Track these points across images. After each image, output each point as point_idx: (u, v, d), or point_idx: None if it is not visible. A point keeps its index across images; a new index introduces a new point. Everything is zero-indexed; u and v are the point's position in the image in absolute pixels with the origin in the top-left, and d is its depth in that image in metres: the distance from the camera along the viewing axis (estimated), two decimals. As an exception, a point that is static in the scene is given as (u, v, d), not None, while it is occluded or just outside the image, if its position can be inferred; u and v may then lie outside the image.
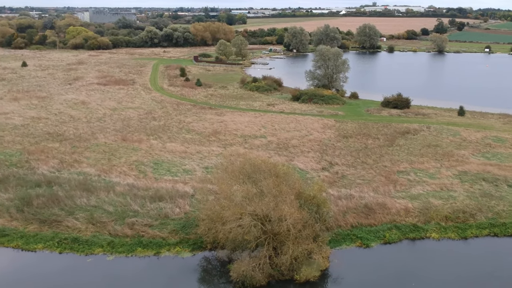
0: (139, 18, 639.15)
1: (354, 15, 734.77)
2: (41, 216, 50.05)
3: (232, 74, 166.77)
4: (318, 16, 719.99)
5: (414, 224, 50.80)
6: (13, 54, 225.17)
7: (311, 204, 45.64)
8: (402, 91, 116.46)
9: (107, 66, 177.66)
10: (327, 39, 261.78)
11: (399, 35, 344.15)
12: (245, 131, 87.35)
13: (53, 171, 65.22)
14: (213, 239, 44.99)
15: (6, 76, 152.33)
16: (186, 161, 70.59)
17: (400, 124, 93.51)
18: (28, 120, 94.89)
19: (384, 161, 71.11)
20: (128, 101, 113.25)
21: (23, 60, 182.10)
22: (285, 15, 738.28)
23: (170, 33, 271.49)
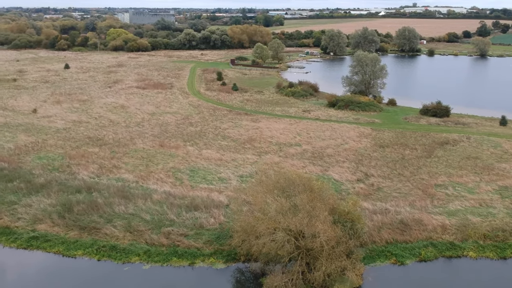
0: (177, 19, 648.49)
1: (394, 16, 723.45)
2: (81, 223, 51.68)
3: (268, 78, 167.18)
4: (357, 17, 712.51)
5: (451, 242, 49.78)
6: (56, 55, 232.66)
7: (346, 219, 45.40)
8: (442, 97, 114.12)
9: (146, 69, 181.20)
10: (365, 42, 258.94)
11: (440, 38, 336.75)
12: (280, 139, 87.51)
13: (92, 177, 67.18)
14: (246, 251, 45.44)
15: (50, 78, 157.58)
16: (221, 169, 71.34)
17: (439, 133, 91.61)
18: (69, 123, 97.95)
19: (421, 174, 69.89)
20: (166, 106, 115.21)
21: (66, 63, 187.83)
22: (323, 16, 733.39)
23: (208, 35, 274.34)
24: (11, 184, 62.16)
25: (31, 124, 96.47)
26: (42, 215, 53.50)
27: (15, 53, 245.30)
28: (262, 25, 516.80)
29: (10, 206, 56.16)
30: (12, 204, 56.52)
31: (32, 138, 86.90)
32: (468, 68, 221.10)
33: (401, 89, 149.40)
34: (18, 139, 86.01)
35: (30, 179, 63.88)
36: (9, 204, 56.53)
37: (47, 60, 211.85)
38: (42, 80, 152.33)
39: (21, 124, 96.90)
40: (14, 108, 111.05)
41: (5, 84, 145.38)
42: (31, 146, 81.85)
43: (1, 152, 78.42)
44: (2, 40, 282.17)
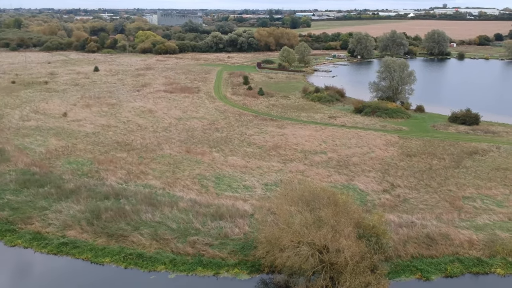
0: (205, 21, 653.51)
1: (423, 18, 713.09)
2: (109, 230, 52.80)
3: (294, 82, 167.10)
4: (385, 19, 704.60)
5: (478, 258, 48.98)
6: (86, 58, 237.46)
7: (371, 234, 45.22)
8: (471, 104, 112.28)
9: (174, 72, 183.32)
10: (393, 45, 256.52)
11: (470, 41, 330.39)
12: (305, 146, 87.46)
13: (120, 183, 68.48)
14: (270, 263, 45.69)
15: (79, 81, 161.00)
16: (247, 177, 71.77)
17: (468, 143, 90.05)
18: (98, 128, 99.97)
19: (449, 185, 68.89)
20: (193, 111, 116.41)
21: (95, 65, 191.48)
22: (350, 18, 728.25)
23: (235, 38, 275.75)
24: (42, 189, 63.87)
25: (61, 128, 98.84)
26: (72, 222, 54.85)
27: (47, 55, 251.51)
28: (289, 27, 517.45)
29: (41, 211, 57.74)
30: (43, 210, 58.10)
31: (62, 142, 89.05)
32: (500, 73, 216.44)
33: (429, 94, 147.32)
34: (49, 143, 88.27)
35: (60, 185, 65.54)
36: (40, 210, 58.14)
37: (77, 63, 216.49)
38: (72, 83, 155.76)
39: (52, 127, 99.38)
40: (45, 112, 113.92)
41: (37, 87, 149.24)
42: (61, 151, 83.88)
43: (33, 156, 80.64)
44: (35, 42, 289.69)
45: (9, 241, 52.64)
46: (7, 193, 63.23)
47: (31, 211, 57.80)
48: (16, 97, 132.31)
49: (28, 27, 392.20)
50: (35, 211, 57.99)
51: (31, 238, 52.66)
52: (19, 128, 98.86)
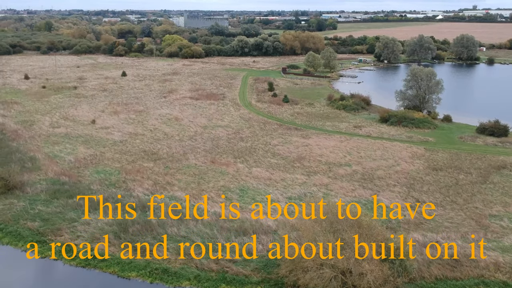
0: (231, 23, 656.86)
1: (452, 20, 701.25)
2: (135, 244, 53.90)
3: (319, 89, 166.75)
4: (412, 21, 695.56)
5: (504, 282, 48.24)
6: (114, 61, 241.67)
7: (394, 256, 45.07)
8: (500, 114, 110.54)
9: (199, 78, 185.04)
10: (421, 49, 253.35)
11: (501, 45, 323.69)
12: (329, 158, 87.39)
13: (147, 194, 69.77)
14: (293, 282, 46.00)
15: (107, 86, 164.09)
16: (271, 189, 72.21)
17: (496, 156, 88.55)
18: (126, 136, 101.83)
19: (475, 202, 67.97)
20: (218, 119, 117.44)
21: (123, 70, 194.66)
22: (377, 20, 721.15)
23: (260, 42, 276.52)
24: (72, 200, 65.57)
25: (89, 136, 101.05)
26: (100, 234, 56.22)
27: (76, 58, 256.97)
28: (315, 29, 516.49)
29: (71, 223, 59.34)
30: (72, 222, 59.70)
31: (90, 150, 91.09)
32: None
33: (456, 102, 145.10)
34: (78, 151, 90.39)
35: (89, 196, 67.07)
36: (69, 221, 59.74)
37: (105, 67, 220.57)
38: (101, 88, 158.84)
39: (80, 135, 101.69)
40: (74, 118, 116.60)
41: (66, 92, 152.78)
42: (90, 159, 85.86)
43: (63, 164, 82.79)
44: (65, 45, 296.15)
45: (40, 252, 54.31)
46: (38, 203, 65.16)
47: (60, 223, 59.46)
48: (46, 102, 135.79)
49: (58, 30, 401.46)
50: (64, 222, 59.62)
51: (61, 250, 54.18)
52: (49, 135, 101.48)
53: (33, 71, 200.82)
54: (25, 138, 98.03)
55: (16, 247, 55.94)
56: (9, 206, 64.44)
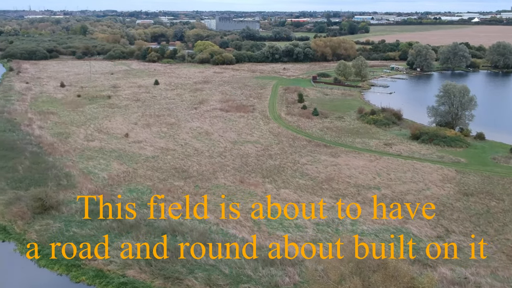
0: (261, 25, 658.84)
1: (489, 23, 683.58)
2: (165, 272, 55.36)
3: (350, 100, 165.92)
4: (447, 24, 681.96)
5: (535, 326, 47.57)
6: (147, 68, 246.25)
7: (421, 299, 45.03)
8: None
9: (230, 87, 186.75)
10: (455, 57, 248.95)
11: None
12: (358, 179, 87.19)
13: (176, 215, 71.26)
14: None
15: (140, 96, 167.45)
16: (298, 214, 72.66)
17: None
18: (158, 151, 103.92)
19: (507, 233, 66.80)
20: (247, 133, 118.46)
21: (156, 78, 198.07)
22: (411, 23, 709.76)
23: (291, 48, 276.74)
24: (105, 222, 67.59)
25: (123, 151, 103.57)
26: (131, 260, 57.87)
27: (110, 64, 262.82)
28: (347, 33, 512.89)
29: (103, 247, 61.23)
30: (104, 246, 61.56)
31: (123, 166, 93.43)
32: None
33: (490, 117, 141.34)
34: (111, 167, 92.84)
35: (121, 218, 68.96)
36: (102, 245, 61.66)
37: (138, 73, 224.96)
38: (134, 98, 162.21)
39: (114, 149, 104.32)
40: (108, 131, 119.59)
41: (100, 102, 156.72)
42: (123, 176, 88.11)
43: (97, 181, 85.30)
44: (99, 50, 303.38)
45: (74, 277, 56.42)
46: (73, 224, 67.46)
47: (94, 247, 61.39)
48: (81, 113, 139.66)
49: (92, 34, 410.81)
50: (97, 246, 61.51)
51: (94, 275, 56.12)
52: (83, 149, 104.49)
53: (68, 78, 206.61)
54: (61, 152, 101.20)
55: (52, 270, 58.25)
56: (46, 227, 66.96)
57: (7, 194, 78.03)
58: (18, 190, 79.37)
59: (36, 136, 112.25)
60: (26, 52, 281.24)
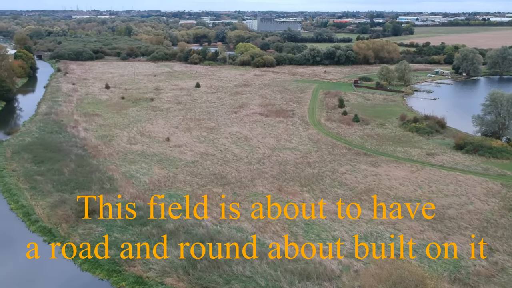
0: (303, 26, 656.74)
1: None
2: (203, 282, 56.15)
3: (392, 106, 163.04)
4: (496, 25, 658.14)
5: None
6: (188, 70, 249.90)
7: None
8: None
9: (270, 90, 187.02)
10: (503, 62, 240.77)
11: None
12: (399, 191, 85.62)
13: (215, 223, 72.11)
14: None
15: (182, 99, 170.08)
16: (336, 226, 72.11)
17: None
18: (197, 156, 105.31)
19: (555, 253, 64.14)
20: (286, 139, 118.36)
21: (197, 81, 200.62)
22: (458, 24, 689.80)
23: (333, 51, 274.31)
24: (145, 228, 69.08)
25: (164, 155, 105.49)
26: (170, 268, 58.97)
27: (153, 65, 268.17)
28: (390, 34, 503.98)
29: (143, 254, 62.63)
30: (145, 252, 63.00)
31: (164, 171, 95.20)
32: None
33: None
34: (153, 172, 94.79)
35: (161, 224, 70.34)
36: (142, 252, 63.08)
37: (180, 76, 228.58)
38: (175, 101, 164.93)
39: (155, 153, 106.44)
40: (150, 134, 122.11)
41: (143, 104, 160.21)
42: (163, 181, 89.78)
43: (138, 186, 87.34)
44: (143, 51, 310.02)
45: (114, 282, 58.06)
46: (115, 230, 69.32)
47: (134, 253, 62.93)
48: (124, 115, 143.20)
49: (137, 35, 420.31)
50: (137, 252, 63.01)
51: (134, 281, 57.55)
52: (126, 152, 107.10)
53: (113, 79, 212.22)
54: (105, 155, 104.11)
55: (94, 275, 60.15)
56: (89, 231, 69.13)
57: (53, 196, 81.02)
58: (63, 193, 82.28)
59: (81, 139, 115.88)
60: (73, 53, 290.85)
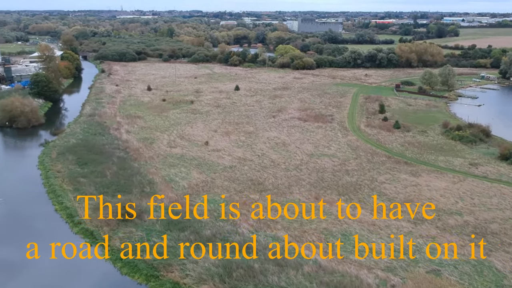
0: (344, 27, 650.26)
1: None
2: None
3: (434, 112, 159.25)
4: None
5: None
6: (228, 72, 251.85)
7: None
8: None
9: (309, 94, 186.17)
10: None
11: None
12: (439, 203, 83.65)
13: (252, 231, 72.52)
14: None
15: (221, 101, 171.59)
16: (373, 237, 71.24)
17: None
18: (235, 160, 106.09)
19: None
20: (325, 146, 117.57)
21: (236, 84, 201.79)
22: (506, 25, 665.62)
23: (374, 54, 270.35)
24: (183, 233, 70.22)
25: (202, 159, 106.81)
26: (206, 276, 59.73)
27: (194, 67, 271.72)
28: (434, 36, 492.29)
29: (181, 260, 63.69)
30: (182, 258, 63.98)
31: (202, 176, 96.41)
32: None
33: None
34: (191, 176, 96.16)
35: (199, 230, 71.27)
36: (179, 258, 64.13)
37: (220, 78, 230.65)
38: (215, 104, 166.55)
39: (194, 157, 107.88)
40: (189, 138, 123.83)
41: (184, 106, 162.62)
42: (202, 186, 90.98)
43: (177, 190, 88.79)
44: (184, 53, 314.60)
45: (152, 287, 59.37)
46: (154, 234, 70.79)
47: (172, 258, 64.12)
48: (165, 118, 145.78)
49: (179, 36, 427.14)
50: (175, 258, 64.18)
51: (171, 287, 58.63)
52: (166, 156, 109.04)
53: (155, 81, 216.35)
54: (145, 158, 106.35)
55: (132, 279, 61.69)
56: (129, 235, 70.87)
57: (95, 199, 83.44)
58: (105, 195, 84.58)
59: (123, 141, 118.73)
60: (117, 54, 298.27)
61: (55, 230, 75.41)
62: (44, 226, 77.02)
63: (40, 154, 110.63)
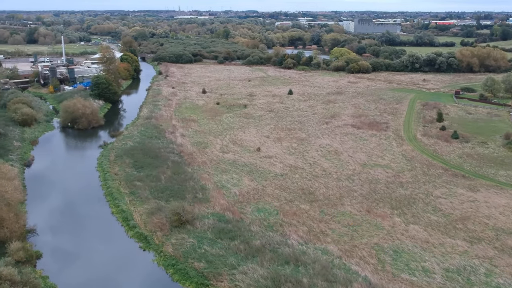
0: (403, 28, 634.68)
1: None
2: (286, 305, 56.75)
3: (496, 121, 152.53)
4: None
5: None
6: (282, 75, 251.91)
7: None
8: None
9: (364, 100, 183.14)
10: None
11: None
12: (498, 221, 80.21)
13: (301, 243, 72.44)
14: None
15: (274, 106, 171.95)
16: (427, 256, 69.34)
17: None
18: (287, 168, 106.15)
19: None
20: (378, 155, 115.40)
21: (290, 88, 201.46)
22: None
23: (433, 58, 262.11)
24: (233, 243, 71.12)
25: (254, 166, 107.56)
26: (255, 287, 60.25)
27: (248, 70, 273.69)
28: (499, 38, 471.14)
29: (231, 269, 64.57)
30: (232, 268, 64.86)
31: (254, 183, 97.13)
32: None
33: None
34: (242, 183, 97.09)
35: (249, 240, 71.94)
36: (230, 267, 65.04)
37: (273, 81, 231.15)
38: (267, 109, 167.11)
39: (246, 164, 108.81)
40: (242, 143, 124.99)
41: (237, 110, 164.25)
42: (252, 194, 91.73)
43: (228, 197, 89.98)
44: (239, 55, 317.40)
45: (202, 296, 60.60)
46: (205, 242, 72.10)
47: (222, 267, 65.11)
48: (219, 122, 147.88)
49: (234, 38, 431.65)
50: (225, 267, 65.10)
51: (220, 297, 59.66)
52: (219, 161, 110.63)
53: (209, 84, 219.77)
54: (199, 163, 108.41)
55: (183, 286, 63.18)
56: (181, 241, 72.57)
57: (150, 203, 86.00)
58: (160, 200, 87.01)
59: (178, 145, 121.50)
60: (174, 56, 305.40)
61: (111, 233, 78.22)
62: (101, 227, 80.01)
63: (99, 155, 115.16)
